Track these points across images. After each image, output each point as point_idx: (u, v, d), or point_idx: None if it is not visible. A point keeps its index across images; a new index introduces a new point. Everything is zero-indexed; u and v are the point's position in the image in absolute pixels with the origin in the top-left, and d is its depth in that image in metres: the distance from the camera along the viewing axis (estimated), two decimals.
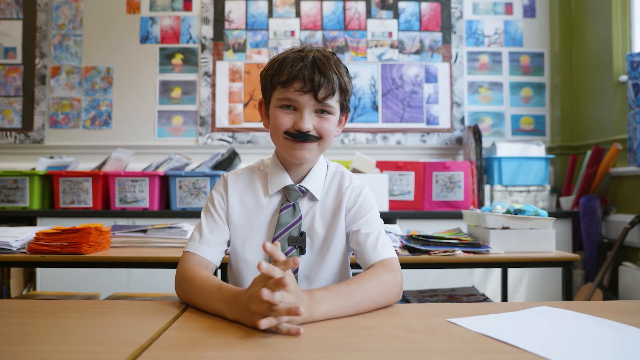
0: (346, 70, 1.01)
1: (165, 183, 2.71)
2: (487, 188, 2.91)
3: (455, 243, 1.56)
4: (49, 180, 2.72)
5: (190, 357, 0.64)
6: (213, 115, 3.21)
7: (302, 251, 1.01)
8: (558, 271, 2.50)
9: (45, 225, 1.79)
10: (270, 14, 3.27)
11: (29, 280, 2.63)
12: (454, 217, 2.58)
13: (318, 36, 3.27)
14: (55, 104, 3.20)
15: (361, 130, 3.23)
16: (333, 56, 1.00)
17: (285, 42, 3.25)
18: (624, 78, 2.76)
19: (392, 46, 3.28)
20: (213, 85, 3.22)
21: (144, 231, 1.67)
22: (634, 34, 2.77)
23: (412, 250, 1.53)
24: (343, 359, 0.64)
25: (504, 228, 1.59)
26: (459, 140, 3.23)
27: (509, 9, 3.32)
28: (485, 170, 2.99)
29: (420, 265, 1.48)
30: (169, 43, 3.25)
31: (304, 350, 0.67)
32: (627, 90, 2.60)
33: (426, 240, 1.57)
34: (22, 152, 3.17)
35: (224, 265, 1.32)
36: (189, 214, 2.58)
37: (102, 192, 2.66)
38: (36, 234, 1.47)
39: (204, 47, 3.23)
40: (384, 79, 3.27)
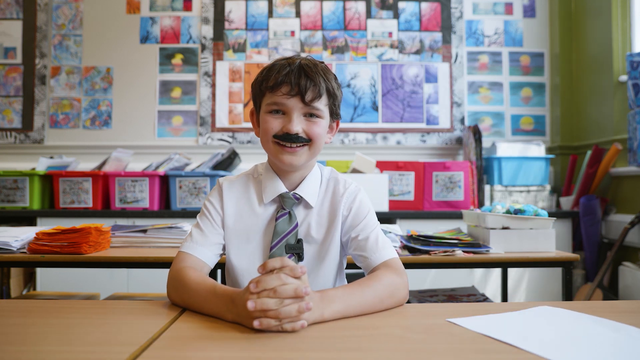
0: (334, 77, 1.03)
1: (165, 183, 2.71)
2: (487, 188, 2.91)
3: (455, 243, 1.56)
4: (49, 180, 2.72)
5: (190, 357, 0.64)
6: (213, 115, 3.21)
7: (300, 258, 1.02)
8: (558, 271, 2.50)
9: (45, 225, 1.79)
10: (270, 14, 3.27)
11: (29, 280, 2.63)
12: (454, 217, 2.58)
13: (318, 36, 3.27)
14: (55, 104, 3.20)
15: (361, 130, 3.23)
16: (321, 63, 1.01)
17: (285, 42, 3.25)
18: (624, 78, 2.76)
19: (392, 46, 3.28)
20: (213, 85, 3.22)
21: (144, 231, 1.67)
22: (634, 34, 2.77)
23: (412, 250, 1.53)
24: (343, 359, 0.64)
25: (504, 228, 1.60)
26: (459, 140, 3.23)
27: (509, 9, 3.32)
28: (485, 170, 2.99)
29: (420, 265, 1.48)
30: (169, 43, 3.25)
31: (304, 350, 0.67)
32: (627, 90, 2.60)
33: (426, 240, 1.57)
34: (22, 152, 3.17)
35: (223, 266, 1.32)
36: (189, 214, 2.59)
37: (102, 192, 2.66)
38: (36, 234, 1.47)
39: (204, 47, 3.23)
40: (384, 79, 3.27)
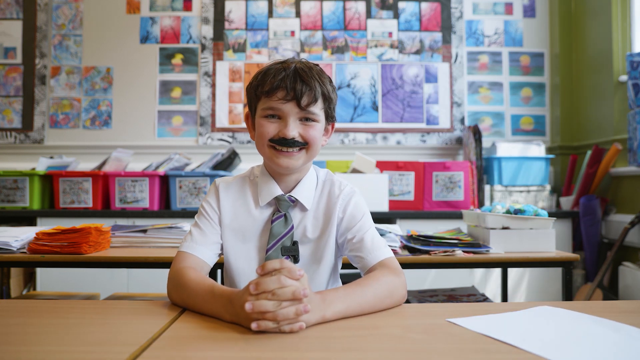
0: (329, 80, 1.03)
1: (165, 183, 2.71)
2: (487, 188, 2.91)
3: (455, 243, 1.56)
4: (49, 180, 2.72)
5: (190, 357, 0.64)
6: (213, 115, 3.21)
7: (296, 260, 1.03)
8: (558, 271, 2.50)
9: (45, 225, 1.79)
10: (270, 14, 3.27)
11: (29, 280, 2.63)
12: (454, 217, 2.58)
13: (318, 36, 3.27)
14: (55, 104, 3.20)
15: (361, 130, 3.23)
16: (315, 66, 1.01)
17: (285, 42, 3.25)
18: (624, 78, 2.76)
19: (392, 46, 3.28)
20: (213, 85, 3.22)
21: (144, 231, 1.67)
22: (634, 34, 2.77)
23: (412, 250, 1.53)
24: (343, 359, 0.64)
25: (504, 228, 1.59)
26: (459, 140, 3.23)
27: (509, 9, 3.32)
28: (485, 170, 2.99)
29: (420, 265, 1.48)
30: (169, 43, 3.25)
31: (304, 350, 0.67)
32: (627, 90, 2.60)
33: (426, 240, 1.57)
34: (22, 152, 3.17)
35: (223, 266, 1.32)
36: (189, 214, 2.58)
37: (102, 192, 2.66)
38: (36, 234, 1.47)
39: (204, 47, 3.23)
40: (384, 79, 3.27)
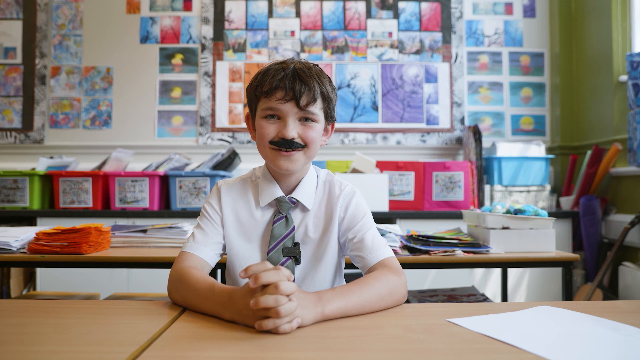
0: (329, 80, 1.03)
1: (165, 183, 2.71)
2: (487, 188, 2.91)
3: (455, 243, 1.56)
4: (49, 180, 2.72)
5: (190, 357, 0.64)
6: (213, 115, 3.21)
7: (297, 261, 1.03)
8: (558, 271, 2.50)
9: (45, 225, 1.79)
10: (270, 14, 3.27)
11: (29, 280, 2.63)
12: (454, 217, 2.58)
13: (318, 36, 3.27)
14: (55, 104, 3.20)
15: (361, 130, 3.23)
16: (315, 67, 1.02)
17: (285, 42, 3.25)
18: (624, 78, 2.76)
19: (392, 46, 3.28)
20: (213, 85, 3.22)
21: (144, 231, 1.67)
22: (634, 34, 2.77)
23: (412, 250, 1.53)
24: (343, 359, 0.64)
25: (504, 228, 1.59)
26: (459, 140, 3.23)
27: (509, 9, 3.32)
28: (485, 170, 2.99)
29: (420, 265, 1.48)
30: (169, 43, 3.25)
31: (304, 350, 0.67)
32: (627, 90, 2.60)
33: (426, 240, 1.57)
34: (22, 152, 3.17)
35: (223, 266, 1.32)
36: (189, 214, 2.59)
37: (102, 192, 2.66)
38: (36, 234, 1.47)
39: (204, 47, 3.23)
40: (384, 79, 3.27)
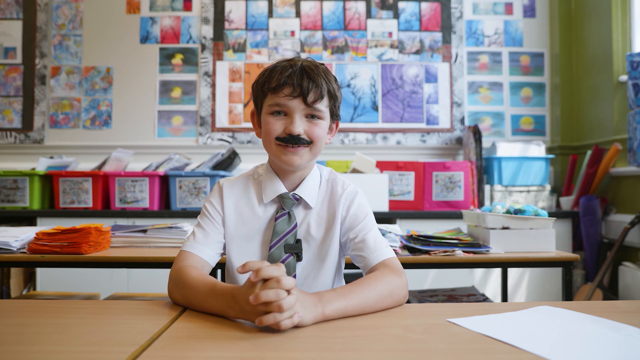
0: (335, 79, 1.04)
1: (165, 183, 2.71)
2: (487, 188, 2.91)
3: (455, 243, 1.56)
4: (49, 180, 2.72)
5: (190, 357, 0.64)
6: (213, 115, 3.21)
7: (299, 258, 1.03)
8: (558, 271, 2.50)
9: (45, 225, 1.79)
10: (270, 14, 3.27)
11: (29, 280, 2.63)
12: (454, 217, 2.58)
13: (318, 36, 3.27)
14: (55, 104, 3.20)
15: (361, 130, 3.23)
16: (321, 65, 1.03)
17: (285, 42, 3.25)
18: (624, 78, 2.76)
19: (392, 46, 3.28)
20: (213, 85, 3.22)
21: (144, 231, 1.67)
22: (634, 34, 2.77)
23: (412, 250, 1.53)
24: (343, 359, 0.64)
25: (504, 228, 1.59)
26: (459, 140, 3.23)
27: (509, 9, 3.32)
28: (485, 170, 2.99)
29: (420, 265, 1.48)
30: (169, 43, 3.25)
31: (304, 350, 0.67)
32: (627, 90, 2.60)
33: (426, 240, 1.57)
34: (22, 152, 3.17)
35: (223, 266, 1.32)
36: (189, 214, 2.58)
37: (102, 192, 2.66)
38: (36, 234, 1.47)
39: (204, 47, 3.23)
40: (384, 79, 3.27)
